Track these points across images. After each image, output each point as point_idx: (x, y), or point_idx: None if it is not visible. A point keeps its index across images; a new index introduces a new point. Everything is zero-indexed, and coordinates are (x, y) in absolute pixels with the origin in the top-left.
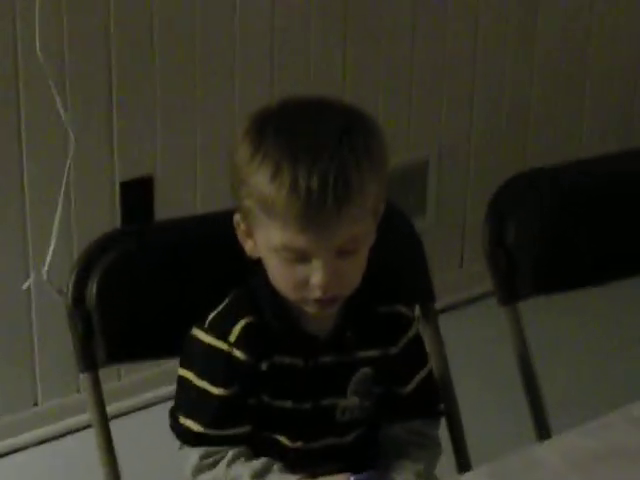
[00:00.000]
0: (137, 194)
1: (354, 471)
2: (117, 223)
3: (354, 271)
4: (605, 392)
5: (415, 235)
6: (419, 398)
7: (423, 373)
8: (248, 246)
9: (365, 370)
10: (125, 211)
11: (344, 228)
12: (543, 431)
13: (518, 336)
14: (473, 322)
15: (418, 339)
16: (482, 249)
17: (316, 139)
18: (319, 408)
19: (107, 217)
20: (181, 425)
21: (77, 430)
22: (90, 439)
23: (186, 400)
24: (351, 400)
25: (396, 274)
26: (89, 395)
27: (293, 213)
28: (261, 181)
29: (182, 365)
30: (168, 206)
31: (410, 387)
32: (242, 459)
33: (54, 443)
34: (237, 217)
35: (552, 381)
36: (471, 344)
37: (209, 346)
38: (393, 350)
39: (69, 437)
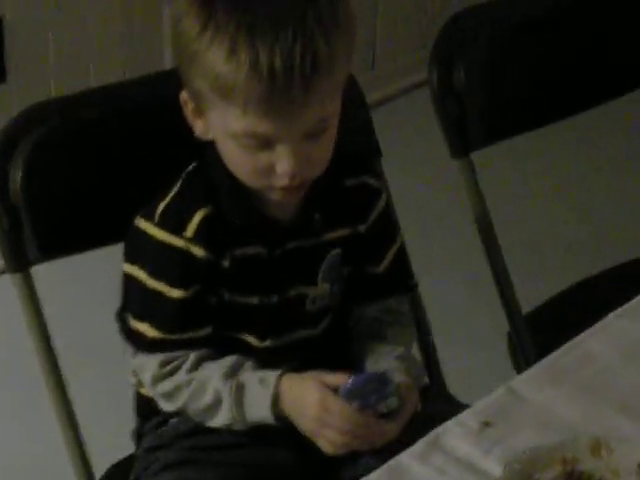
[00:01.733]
0: None
1: (326, 364)
2: None
3: (323, 152)
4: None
5: (362, 94)
6: (393, 275)
7: (394, 248)
8: (198, 127)
9: (335, 252)
10: None
11: (312, 110)
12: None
13: (474, 191)
14: None
15: (387, 212)
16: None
17: (276, 7)
18: (287, 300)
19: None
20: (132, 329)
21: None
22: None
23: (137, 302)
24: (322, 287)
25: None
26: (23, 297)
27: (254, 96)
28: (215, 60)
29: (128, 260)
30: (20, 52)
31: (383, 265)
32: (207, 361)
33: None
34: (184, 95)
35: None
36: None
37: (162, 243)
38: (362, 227)
39: None
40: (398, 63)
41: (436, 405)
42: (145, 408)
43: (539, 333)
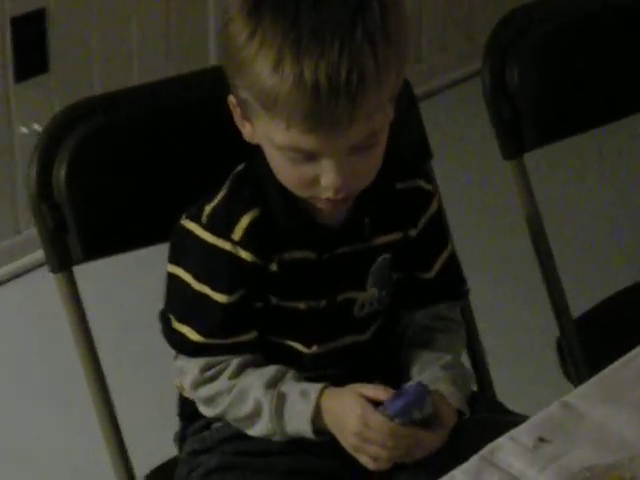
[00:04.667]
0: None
1: (373, 370)
2: (8, 62)
3: (371, 166)
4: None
5: (412, 95)
6: (444, 281)
7: (446, 254)
8: (246, 131)
9: (384, 257)
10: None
11: (359, 126)
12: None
13: (527, 193)
14: None
15: (439, 216)
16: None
17: (324, 19)
18: (335, 305)
19: None
20: (175, 332)
21: None
22: None
23: (182, 304)
24: (370, 292)
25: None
26: (65, 297)
27: (298, 111)
28: (260, 72)
29: (173, 261)
30: (63, 42)
31: (434, 270)
32: (250, 368)
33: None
34: (232, 99)
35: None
36: None
37: (209, 245)
38: (413, 232)
39: None
40: (445, 56)
41: (485, 412)
42: (188, 411)
43: (590, 338)
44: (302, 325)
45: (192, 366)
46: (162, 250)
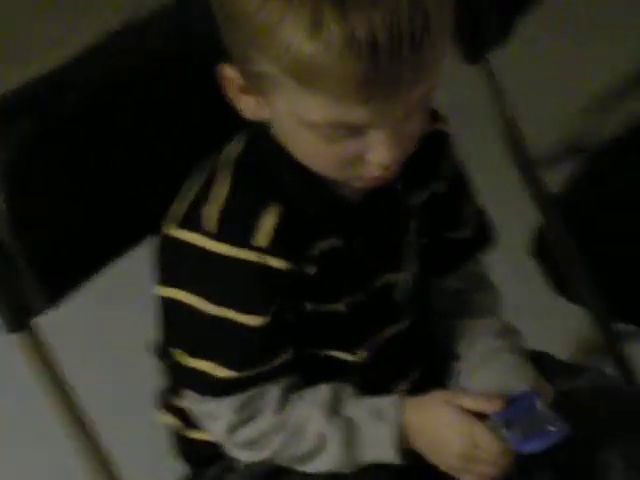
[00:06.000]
0: None
1: (417, 361)
2: None
3: (419, 129)
4: None
5: None
6: (475, 234)
7: (474, 204)
8: (247, 105)
9: (413, 227)
10: None
11: (422, 84)
12: None
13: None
14: None
15: (459, 165)
16: None
17: None
18: (375, 295)
19: None
20: (191, 370)
21: None
22: None
23: (194, 335)
24: (407, 270)
25: None
26: (31, 359)
27: (352, 80)
28: (292, 36)
29: (168, 283)
30: None
31: (466, 227)
32: (294, 395)
33: None
34: (230, 72)
35: None
36: None
37: (225, 259)
38: (442, 186)
39: None
40: None
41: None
42: (201, 454)
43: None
44: (343, 329)
45: (223, 408)
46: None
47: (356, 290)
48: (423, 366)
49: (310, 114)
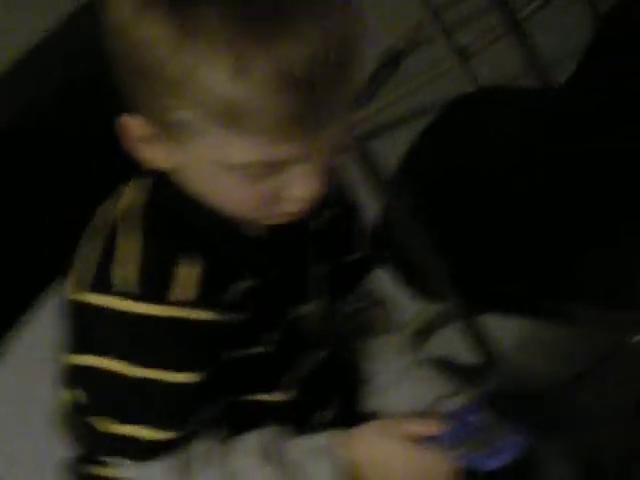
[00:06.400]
0: None
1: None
2: None
3: (334, 161)
4: None
5: None
6: (367, 252)
7: (359, 223)
8: (151, 155)
9: (312, 253)
10: None
11: (350, 112)
12: None
13: None
14: None
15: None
16: None
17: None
18: (289, 330)
19: None
20: (115, 437)
21: None
22: None
23: (116, 400)
24: (315, 299)
25: None
26: None
27: (281, 117)
28: (213, 80)
29: (84, 351)
30: None
31: (359, 247)
32: (221, 447)
33: None
34: (132, 122)
35: None
36: None
37: (148, 318)
38: (337, 208)
39: None
40: None
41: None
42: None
43: None
44: (262, 371)
45: (154, 471)
46: None
47: (273, 328)
48: (343, 393)
49: (235, 156)
